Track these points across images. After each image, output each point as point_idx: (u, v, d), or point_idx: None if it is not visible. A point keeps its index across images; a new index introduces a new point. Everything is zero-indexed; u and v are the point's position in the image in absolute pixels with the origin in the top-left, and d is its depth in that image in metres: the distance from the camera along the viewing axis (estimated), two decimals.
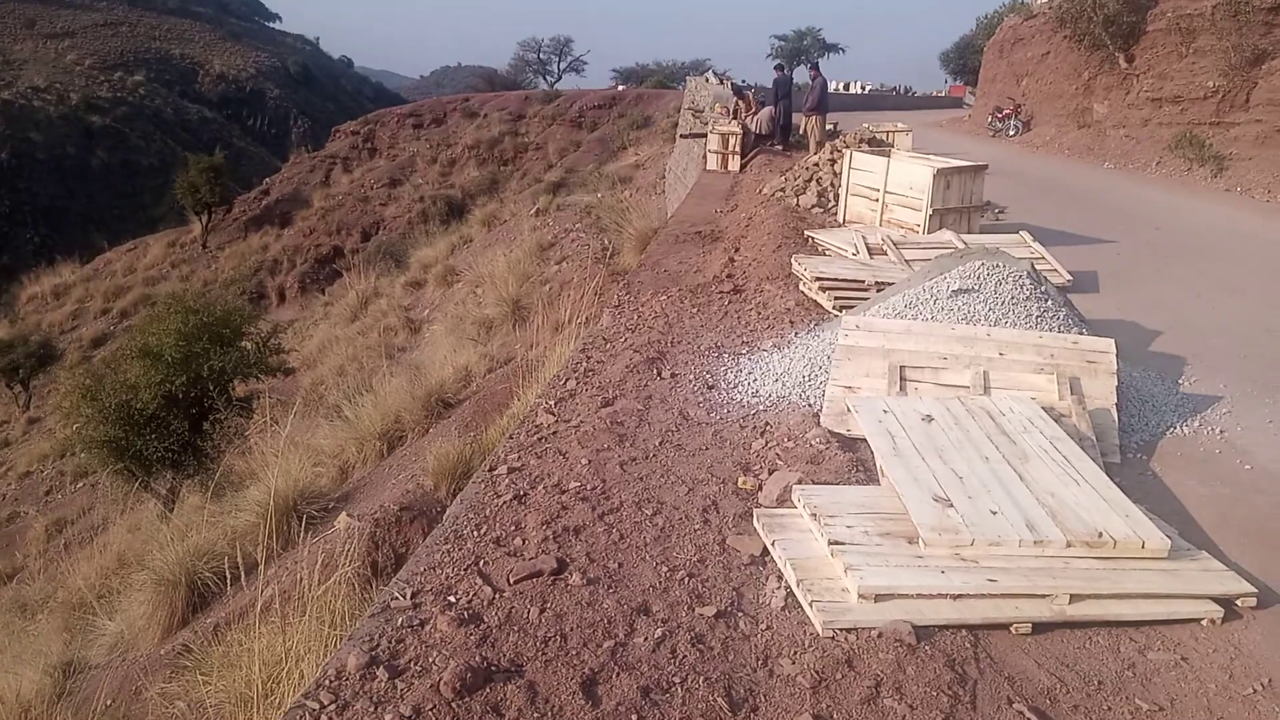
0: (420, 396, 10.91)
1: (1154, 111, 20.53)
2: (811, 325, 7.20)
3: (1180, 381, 6.14)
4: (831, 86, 56.89)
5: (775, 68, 19.42)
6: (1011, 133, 27.09)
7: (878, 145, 13.96)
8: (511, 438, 5.28)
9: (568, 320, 10.93)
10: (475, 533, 4.03)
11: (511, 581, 3.56)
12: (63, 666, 8.27)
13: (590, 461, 4.73)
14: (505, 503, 4.30)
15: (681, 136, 27.55)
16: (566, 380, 6.22)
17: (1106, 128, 22.19)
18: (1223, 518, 4.30)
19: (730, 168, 18.90)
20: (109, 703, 6.56)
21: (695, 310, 7.91)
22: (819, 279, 7.83)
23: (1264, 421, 5.45)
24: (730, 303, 8.11)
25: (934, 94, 62.54)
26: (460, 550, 3.87)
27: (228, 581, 6.44)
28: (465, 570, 3.67)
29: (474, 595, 3.48)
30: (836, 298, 7.66)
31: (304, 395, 20.36)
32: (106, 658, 8.13)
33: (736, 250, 10.06)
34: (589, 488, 4.42)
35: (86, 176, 72.51)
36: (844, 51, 65.36)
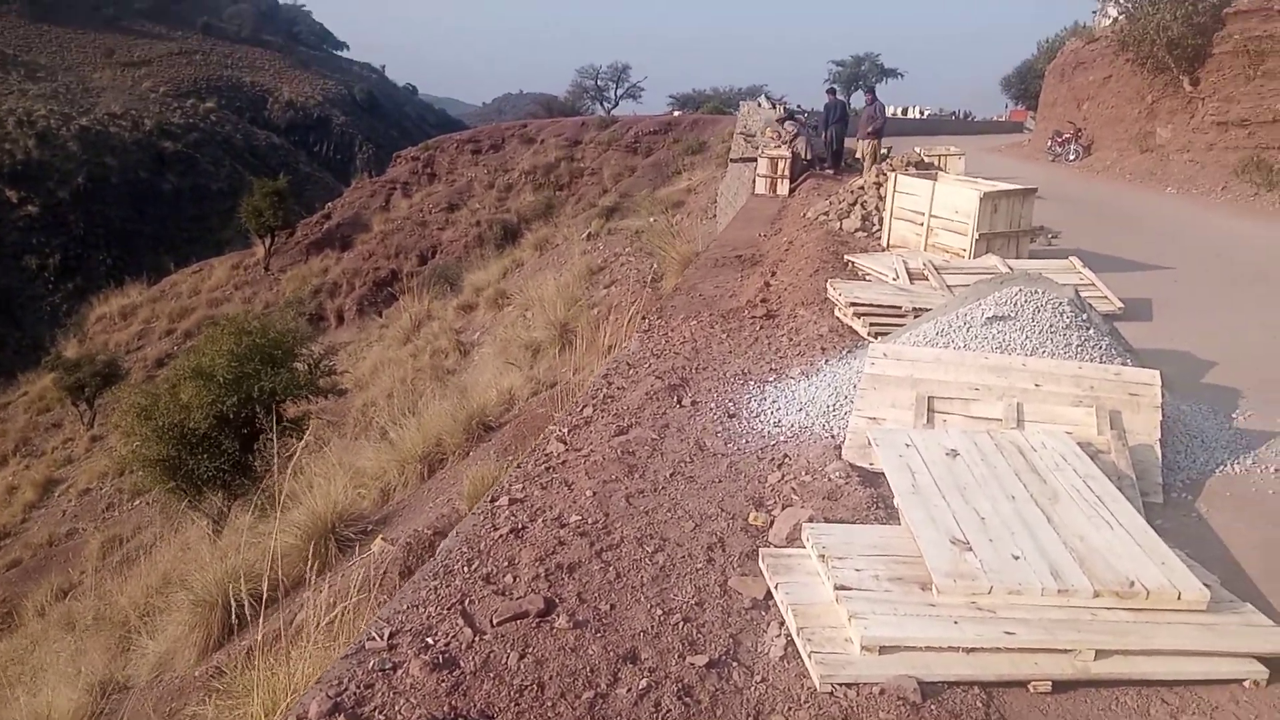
0: (461, 420, 10.88)
1: (1219, 135, 19.86)
2: (844, 352, 6.95)
3: (1234, 416, 5.75)
4: (890, 111, 56.55)
5: (827, 91, 19.23)
6: (1071, 157, 26.46)
7: (925, 168, 13.64)
8: (519, 466, 5.12)
9: (607, 345, 10.84)
10: (466, 568, 3.85)
11: (494, 623, 3.38)
12: (103, 686, 8.33)
13: (595, 494, 4.54)
14: (501, 536, 4.13)
15: (732, 161, 27.41)
16: (584, 407, 6.05)
17: (1169, 152, 21.54)
18: (1273, 566, 3.95)
19: (779, 192, 18.70)
20: None
21: (725, 336, 7.70)
22: (854, 304, 7.58)
23: None
24: (762, 328, 7.89)
25: (994, 119, 61.66)
26: (447, 587, 3.70)
27: (263, 603, 6.42)
28: (448, 609, 3.49)
29: (453, 637, 3.29)
30: (872, 324, 7.40)
31: (355, 417, 20.61)
32: (147, 677, 8.15)
33: (773, 274, 9.83)
34: (590, 522, 4.23)
35: (158, 200, 74.55)
36: (902, 76, 64.96)
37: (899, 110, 57.99)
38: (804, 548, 3.83)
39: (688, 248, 15.17)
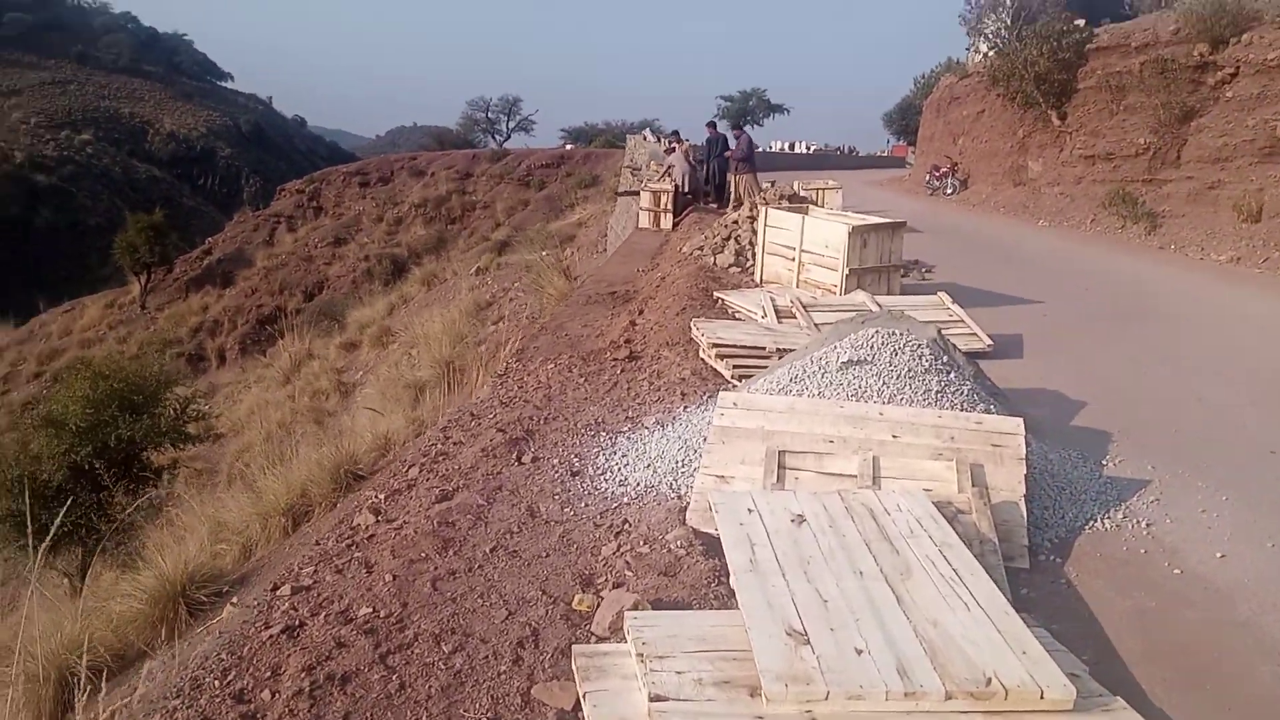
0: (329, 468, 10.13)
1: (1087, 169, 20.41)
2: (704, 398, 6.48)
3: (1104, 463, 5.47)
4: (777, 146, 57.33)
5: (707, 125, 18.95)
6: (949, 191, 26.98)
7: (800, 202, 13.44)
8: (318, 544, 4.44)
9: (479, 384, 10.22)
10: (218, 683, 3.18)
11: None
12: None
13: (397, 577, 3.90)
14: (272, 638, 3.46)
15: (619, 194, 27.15)
16: (410, 467, 5.41)
17: (1041, 185, 22.07)
18: (1148, 644, 3.57)
19: (662, 226, 18.37)
20: None
21: (583, 380, 7.16)
22: (717, 345, 7.14)
23: (1195, 511, 4.77)
24: (623, 371, 7.38)
25: (878, 154, 63.22)
26: (188, 710, 3.02)
27: (103, 677, 5.59)
28: None
29: None
30: (735, 365, 6.96)
31: (229, 463, 19.36)
32: None
33: (640, 313, 9.36)
34: (383, 615, 3.60)
35: (31, 237, 70.62)
36: (788, 112, 65.89)
37: (786, 145, 58.95)
38: (627, 640, 3.28)
39: (565, 284, 14.63)
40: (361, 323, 30.00)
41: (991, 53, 24.44)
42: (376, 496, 4.96)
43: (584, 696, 3.01)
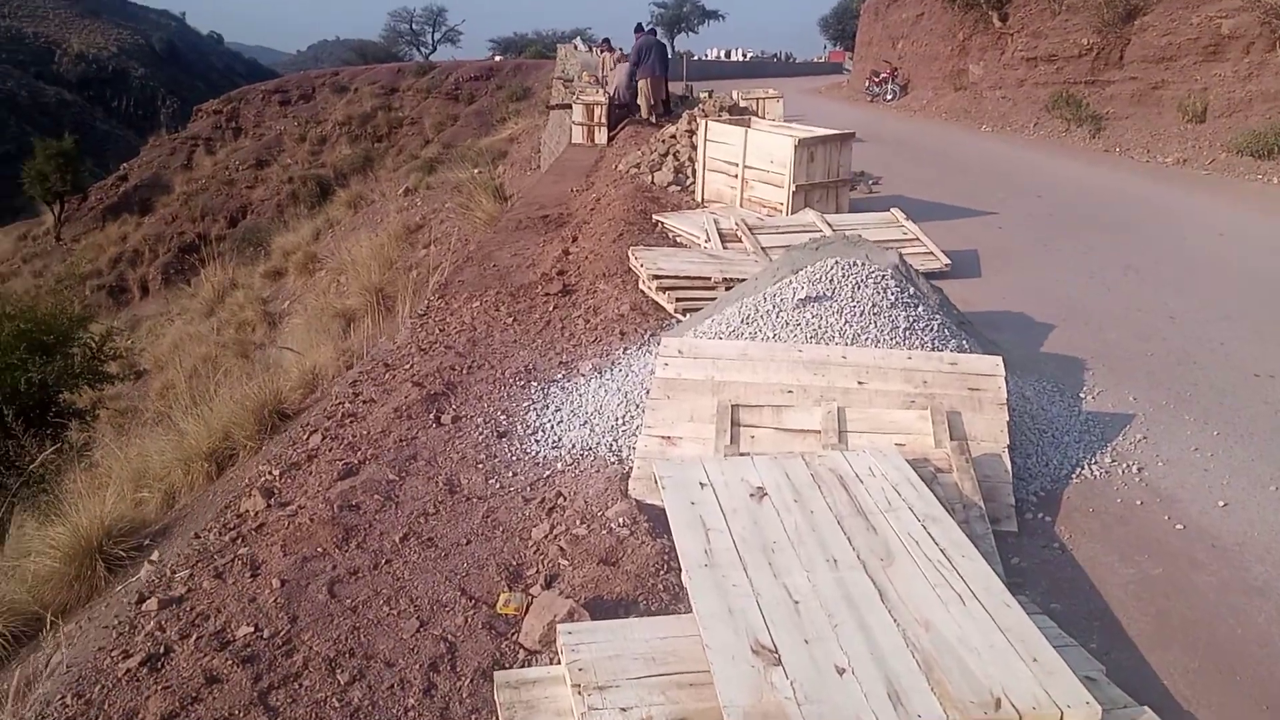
0: (252, 408, 9.41)
1: (1029, 71, 19.84)
2: (646, 336, 5.89)
3: (1082, 395, 5.01)
4: (712, 54, 55.97)
5: (635, 30, 17.78)
6: (889, 97, 26.31)
7: (740, 114, 12.70)
8: (198, 537, 3.79)
9: (405, 315, 9.50)
10: None
11: None
12: None
13: (287, 582, 3.29)
14: (129, 672, 2.84)
15: (550, 108, 25.95)
16: (311, 434, 4.74)
17: (983, 89, 21.48)
18: (1160, 622, 3.12)
19: (597, 140, 17.43)
20: None
21: (511, 320, 6.50)
22: (657, 276, 6.51)
23: (1187, 450, 4.34)
24: (555, 308, 6.73)
25: (814, 60, 62.01)
26: None
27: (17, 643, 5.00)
28: None
29: None
30: (679, 299, 6.36)
31: (153, 402, 18.41)
32: None
33: (574, 240, 8.66)
34: (266, 634, 2.99)
35: None
36: (724, 19, 64.20)
37: (721, 53, 57.52)
38: (561, 660, 2.73)
39: (494, 207, 13.79)
40: (286, 249, 28.67)
41: None
42: (270, 473, 4.30)
43: None
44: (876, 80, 27.52)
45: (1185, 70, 15.97)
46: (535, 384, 5.26)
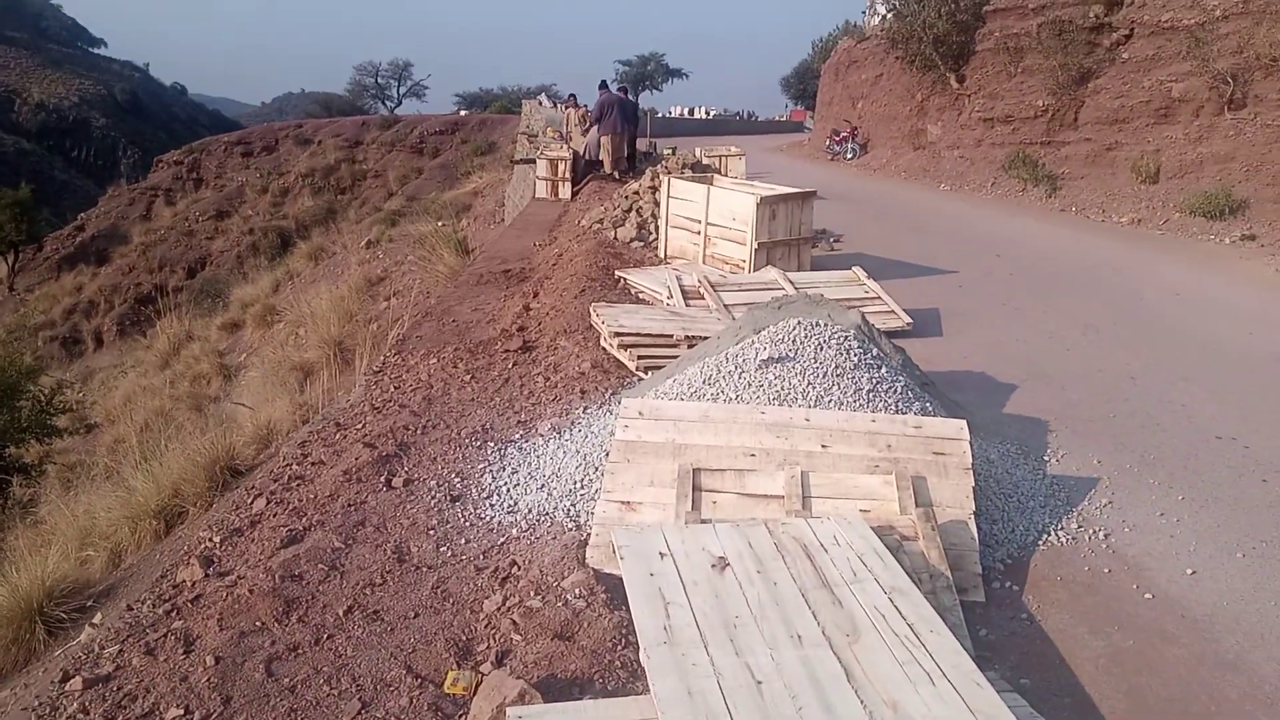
0: (204, 465, 9.11)
1: (986, 132, 20.27)
2: (607, 394, 5.78)
3: (1046, 458, 4.97)
4: (676, 112, 56.77)
5: (600, 87, 17.92)
6: (849, 156, 26.72)
7: (703, 171, 12.77)
8: (130, 609, 3.58)
9: (364, 369, 9.32)
10: None
11: None
12: None
13: (222, 659, 3.10)
14: None
15: (514, 162, 26.06)
16: (256, 497, 4.56)
17: (941, 149, 21.90)
18: (1133, 699, 3.03)
19: (561, 195, 17.46)
20: None
21: (469, 377, 6.37)
22: (619, 334, 6.42)
23: (1153, 516, 4.29)
24: (515, 365, 6.61)
25: (776, 118, 63.14)
26: None
27: None
28: None
29: None
30: (640, 356, 6.27)
31: (103, 457, 17.90)
32: None
33: (535, 295, 8.57)
34: (198, 717, 2.80)
35: None
36: (687, 77, 65.41)
37: (685, 111, 58.40)
38: None
39: (455, 260, 13.69)
40: (245, 301, 28.32)
41: (890, 15, 24.08)
42: (210, 540, 4.10)
43: None
44: (837, 139, 27.96)
45: (1138, 132, 16.41)
46: (492, 444, 5.12)
